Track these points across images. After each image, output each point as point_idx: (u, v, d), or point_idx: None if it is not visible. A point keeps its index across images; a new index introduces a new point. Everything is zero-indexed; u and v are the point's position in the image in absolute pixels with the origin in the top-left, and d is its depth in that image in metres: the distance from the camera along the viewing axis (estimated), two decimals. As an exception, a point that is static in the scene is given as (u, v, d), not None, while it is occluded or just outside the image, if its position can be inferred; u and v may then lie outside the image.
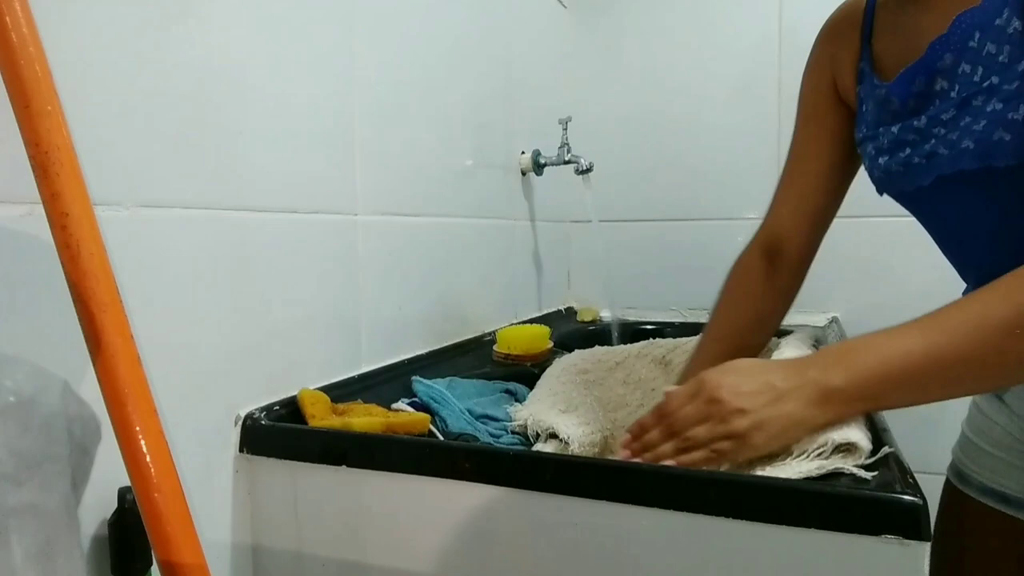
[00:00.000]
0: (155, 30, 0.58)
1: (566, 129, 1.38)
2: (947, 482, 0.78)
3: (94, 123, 0.53)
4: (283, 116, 0.73)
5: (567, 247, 1.68)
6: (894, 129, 0.66)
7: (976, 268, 0.67)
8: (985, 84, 0.57)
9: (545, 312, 1.50)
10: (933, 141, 0.62)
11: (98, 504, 0.53)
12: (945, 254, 0.71)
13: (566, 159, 1.37)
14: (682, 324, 1.44)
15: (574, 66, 1.66)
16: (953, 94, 0.60)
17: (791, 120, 0.83)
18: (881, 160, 0.68)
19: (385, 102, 0.91)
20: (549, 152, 1.38)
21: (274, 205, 0.72)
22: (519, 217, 1.39)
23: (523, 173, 1.38)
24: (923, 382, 0.51)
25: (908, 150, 0.65)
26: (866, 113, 0.71)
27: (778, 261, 0.80)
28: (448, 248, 1.09)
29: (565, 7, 1.65)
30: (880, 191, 0.72)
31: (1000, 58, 0.55)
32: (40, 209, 0.41)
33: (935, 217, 0.69)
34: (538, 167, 1.38)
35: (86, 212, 0.41)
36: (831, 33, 0.76)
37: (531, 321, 1.34)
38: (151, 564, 0.54)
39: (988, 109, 0.56)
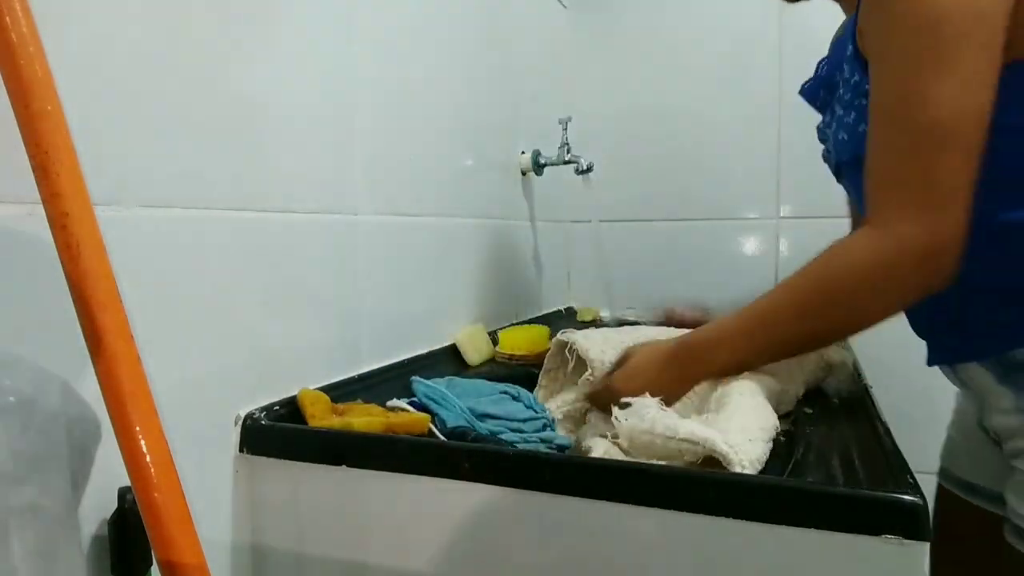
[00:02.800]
0: (154, 30, 0.58)
1: (566, 129, 1.38)
2: (937, 484, 0.84)
3: (94, 123, 0.53)
4: (283, 116, 0.73)
5: (567, 247, 1.68)
6: (820, 125, 0.81)
7: None
8: (838, 94, 0.71)
9: (545, 312, 1.50)
10: (828, 140, 0.76)
11: (98, 504, 0.53)
12: None
13: (566, 159, 1.37)
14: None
15: (574, 66, 1.66)
16: (831, 104, 0.74)
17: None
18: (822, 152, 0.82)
19: (385, 102, 0.91)
20: (549, 152, 1.38)
21: (274, 205, 0.72)
22: (519, 217, 1.39)
23: (523, 173, 1.38)
24: (746, 358, 0.69)
25: (824, 147, 0.80)
26: None
27: None
28: (448, 248, 1.09)
29: (565, 7, 1.65)
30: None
31: (845, 74, 0.69)
32: (40, 209, 0.41)
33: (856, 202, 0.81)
34: (538, 167, 1.38)
35: (86, 212, 0.41)
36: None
37: (531, 321, 1.34)
38: (151, 564, 0.54)
39: (838, 115, 0.71)
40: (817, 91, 0.79)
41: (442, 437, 0.74)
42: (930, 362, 0.73)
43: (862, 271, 0.60)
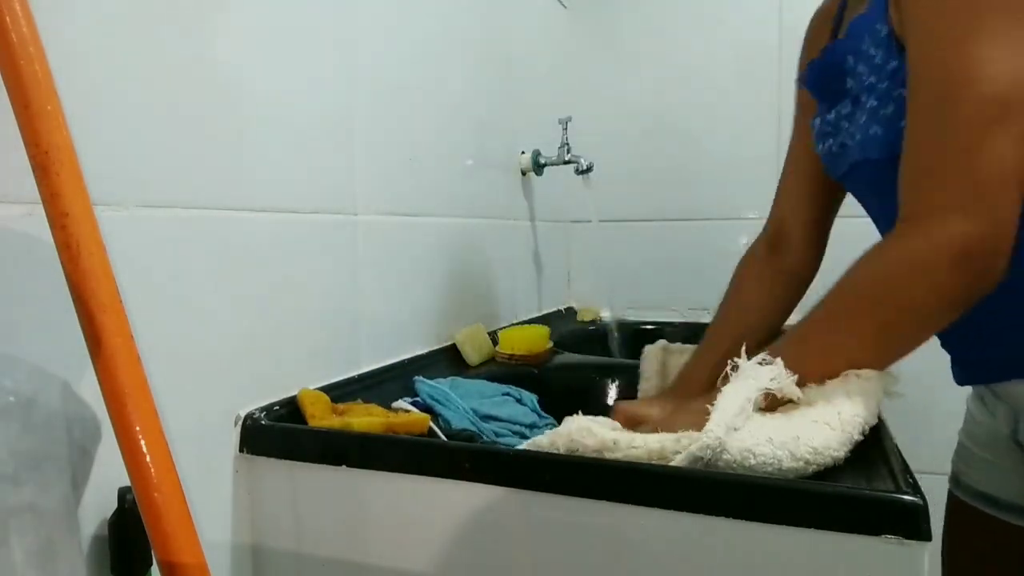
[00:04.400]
0: (155, 30, 0.58)
1: (566, 129, 1.38)
2: (949, 492, 0.78)
3: (94, 123, 0.53)
4: (283, 116, 0.73)
5: (567, 247, 1.68)
6: (818, 121, 0.73)
7: None
8: (867, 83, 0.62)
9: (545, 312, 1.50)
10: (842, 134, 0.68)
11: (98, 504, 0.53)
12: None
13: (566, 159, 1.37)
14: (682, 324, 1.44)
15: (574, 66, 1.66)
16: (853, 92, 0.65)
17: (791, 119, 0.84)
18: (819, 147, 0.74)
19: (385, 102, 0.91)
20: (549, 152, 1.38)
21: (274, 205, 0.72)
22: (519, 217, 1.39)
23: (523, 173, 1.38)
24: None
25: (829, 140, 0.71)
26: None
27: (782, 247, 0.82)
28: (448, 248, 1.09)
29: (565, 7, 1.65)
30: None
31: (876, 60, 0.60)
32: (40, 209, 0.41)
33: (860, 202, 0.74)
34: (538, 167, 1.38)
35: (86, 212, 0.41)
36: (812, 26, 0.81)
37: (531, 321, 1.34)
38: (151, 564, 0.54)
39: (868, 106, 0.61)
40: (823, 75, 0.71)
41: (443, 437, 0.74)
42: (963, 381, 0.70)
43: (891, 277, 0.52)
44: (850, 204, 0.81)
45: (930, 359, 0.74)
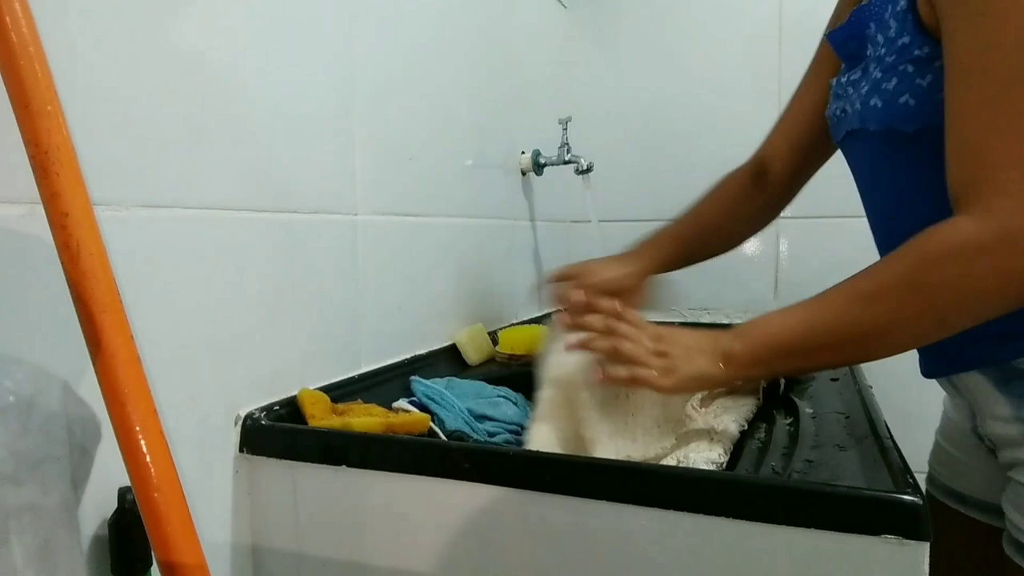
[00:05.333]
0: (155, 30, 0.58)
1: (566, 129, 1.38)
2: (925, 490, 0.78)
3: (94, 123, 0.53)
4: (283, 116, 0.73)
5: (567, 247, 1.67)
6: (834, 81, 0.73)
7: (874, 225, 0.73)
8: (878, 53, 0.62)
9: (545, 312, 1.50)
10: (846, 100, 0.68)
11: (98, 504, 0.53)
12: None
13: (566, 159, 1.37)
14: (681, 324, 1.44)
15: (574, 66, 1.66)
16: (866, 60, 0.65)
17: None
18: (828, 108, 0.74)
19: (385, 102, 0.91)
20: (549, 152, 1.38)
21: (274, 205, 0.72)
22: (519, 217, 1.39)
23: (523, 173, 1.38)
24: (804, 350, 0.58)
25: (837, 103, 0.71)
26: None
27: (762, 179, 0.88)
28: (448, 248, 1.09)
29: (565, 7, 1.65)
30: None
31: (890, 32, 0.60)
32: (40, 209, 0.41)
33: (853, 172, 0.75)
34: (538, 167, 1.38)
35: (86, 212, 0.41)
36: None
37: (531, 321, 1.34)
38: (151, 564, 0.54)
39: (873, 77, 0.62)
40: (847, 40, 0.69)
41: (443, 436, 0.74)
42: (927, 373, 0.70)
43: (956, 254, 0.49)
44: (852, 204, 0.81)
45: (930, 359, 0.74)
